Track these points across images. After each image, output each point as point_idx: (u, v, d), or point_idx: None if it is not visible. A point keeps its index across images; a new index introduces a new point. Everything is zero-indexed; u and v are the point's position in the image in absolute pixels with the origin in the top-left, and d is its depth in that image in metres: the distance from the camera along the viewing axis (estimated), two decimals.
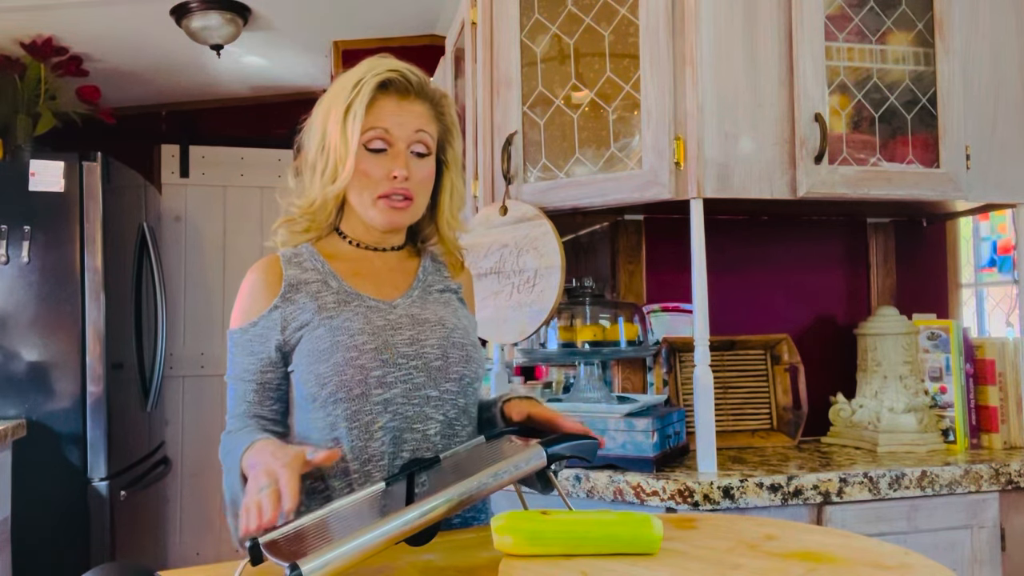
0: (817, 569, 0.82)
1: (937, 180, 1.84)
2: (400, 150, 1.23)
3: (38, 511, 2.83)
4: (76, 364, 2.94)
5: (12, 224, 2.89)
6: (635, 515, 0.92)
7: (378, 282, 1.27)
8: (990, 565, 1.70)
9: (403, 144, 1.23)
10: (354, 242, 1.30)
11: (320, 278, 1.24)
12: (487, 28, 2.01)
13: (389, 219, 1.25)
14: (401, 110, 1.23)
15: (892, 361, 1.95)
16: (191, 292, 4.14)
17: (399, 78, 1.23)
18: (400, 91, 1.24)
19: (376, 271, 1.29)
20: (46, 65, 3.39)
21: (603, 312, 1.88)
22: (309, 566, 0.82)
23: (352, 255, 1.29)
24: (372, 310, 1.22)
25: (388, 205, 1.23)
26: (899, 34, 1.90)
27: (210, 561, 4.00)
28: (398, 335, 1.21)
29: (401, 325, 1.22)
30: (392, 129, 1.22)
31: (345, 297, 1.23)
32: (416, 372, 1.20)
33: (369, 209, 1.24)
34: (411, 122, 1.24)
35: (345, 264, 1.27)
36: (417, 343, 1.21)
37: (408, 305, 1.26)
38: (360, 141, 1.20)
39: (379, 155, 1.22)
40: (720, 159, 1.74)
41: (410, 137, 1.23)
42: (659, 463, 1.69)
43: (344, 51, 3.65)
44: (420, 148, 1.25)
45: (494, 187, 1.97)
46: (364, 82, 1.21)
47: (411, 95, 1.25)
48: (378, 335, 1.19)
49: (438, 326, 1.24)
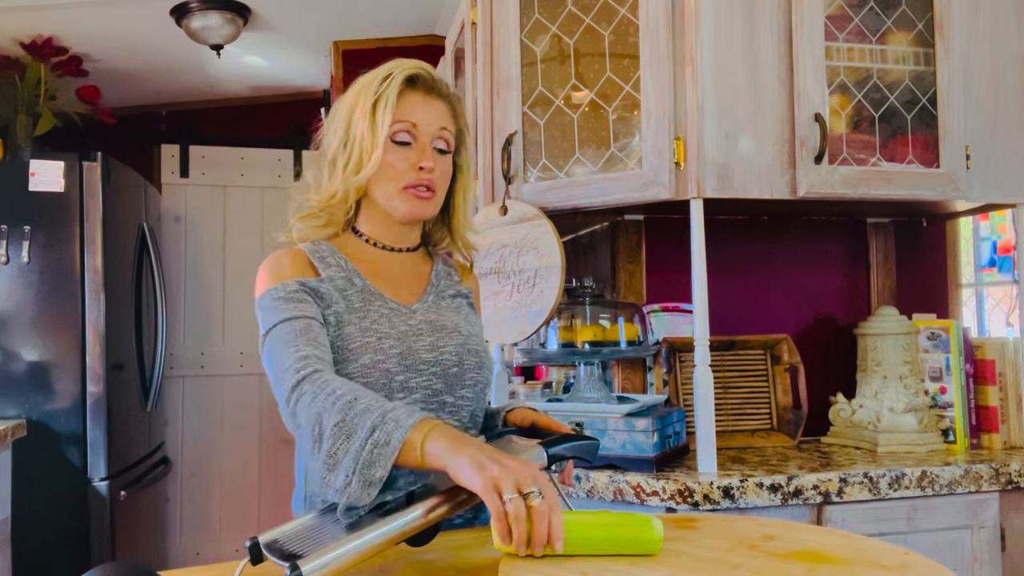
0: (817, 569, 0.82)
1: (937, 180, 1.84)
2: (425, 144, 1.25)
3: (38, 511, 2.83)
4: (76, 364, 2.94)
5: (12, 224, 2.89)
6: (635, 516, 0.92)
7: (395, 284, 1.28)
8: (990, 565, 1.70)
9: (427, 138, 1.25)
10: (371, 240, 1.30)
11: (345, 275, 1.23)
12: (487, 28, 2.01)
13: (412, 209, 1.25)
14: (428, 106, 1.26)
15: (892, 361, 1.95)
16: (191, 292, 4.14)
17: (426, 75, 1.27)
18: (426, 88, 1.27)
19: (393, 273, 1.29)
20: (46, 65, 3.39)
21: (603, 312, 1.88)
22: (309, 566, 0.82)
23: (370, 255, 1.29)
24: (395, 313, 1.23)
25: (414, 195, 1.24)
26: (899, 34, 1.90)
27: (210, 561, 4.00)
28: (420, 341, 1.21)
29: (422, 331, 1.23)
30: (419, 123, 1.25)
31: (369, 296, 1.23)
32: (435, 379, 1.21)
33: (394, 199, 1.25)
34: (436, 119, 1.27)
35: (365, 264, 1.27)
36: (436, 350, 1.22)
37: (426, 311, 1.27)
38: (388, 133, 1.22)
39: (404, 148, 1.24)
40: (720, 159, 1.74)
41: (434, 133, 1.26)
42: (659, 463, 1.69)
43: (344, 51, 3.65)
44: (441, 144, 1.27)
45: (494, 187, 1.97)
46: (394, 76, 1.24)
47: (435, 93, 1.28)
48: (403, 340, 1.20)
49: (455, 333, 1.25)
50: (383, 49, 3.53)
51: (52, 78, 3.44)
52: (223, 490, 4.13)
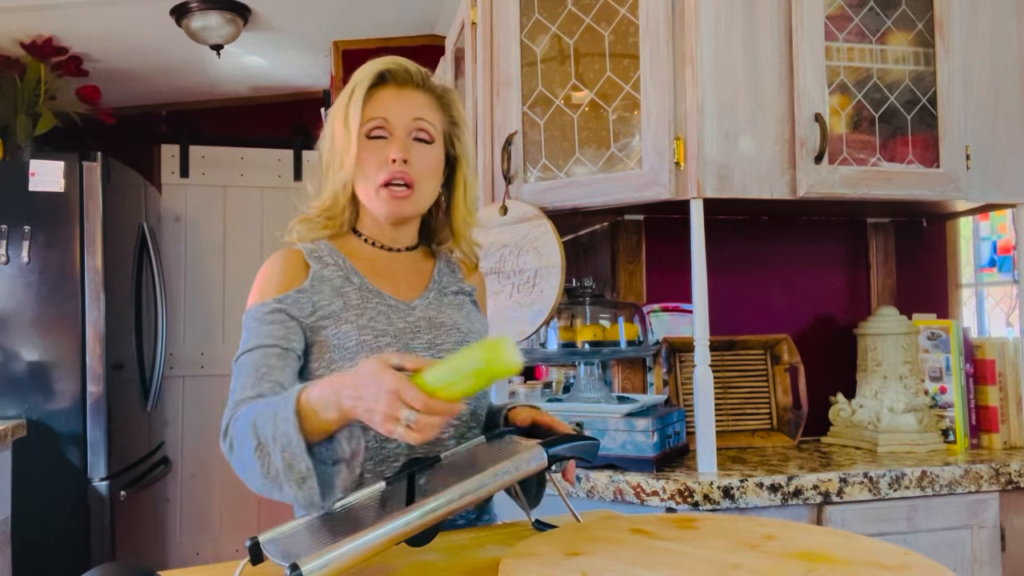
0: (817, 569, 0.82)
1: (937, 180, 1.84)
2: (400, 137, 1.24)
3: (38, 511, 2.83)
4: (76, 364, 2.94)
5: (12, 224, 2.89)
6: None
7: (395, 281, 1.28)
8: (990, 565, 1.70)
9: (402, 131, 1.24)
10: (370, 240, 1.30)
11: (342, 274, 1.24)
12: (487, 28, 2.01)
13: (391, 209, 1.25)
14: (401, 99, 1.25)
15: (892, 361, 1.95)
16: (191, 292, 4.14)
17: (397, 68, 1.26)
18: (399, 81, 1.26)
19: (393, 271, 1.29)
20: (46, 65, 3.39)
21: (603, 312, 1.88)
22: (309, 566, 0.82)
23: (369, 254, 1.29)
24: (392, 309, 1.23)
25: (389, 194, 1.23)
26: (899, 34, 1.90)
27: (210, 561, 4.00)
28: (417, 339, 1.21)
29: (419, 329, 1.23)
30: (390, 117, 1.24)
31: (367, 294, 1.23)
32: None
33: (373, 199, 1.25)
34: (409, 110, 1.25)
35: (364, 262, 1.27)
36: (434, 347, 1.22)
37: (425, 307, 1.26)
38: (361, 131, 1.22)
39: (380, 143, 1.24)
40: (720, 159, 1.74)
41: (409, 125, 1.24)
42: (659, 463, 1.69)
43: (344, 51, 3.64)
44: (421, 135, 1.25)
45: (494, 187, 1.97)
46: (363, 74, 1.24)
47: (410, 85, 1.27)
48: (399, 338, 1.20)
49: (453, 330, 1.25)
50: (383, 49, 3.53)
51: (52, 78, 3.43)
52: (223, 490, 4.12)
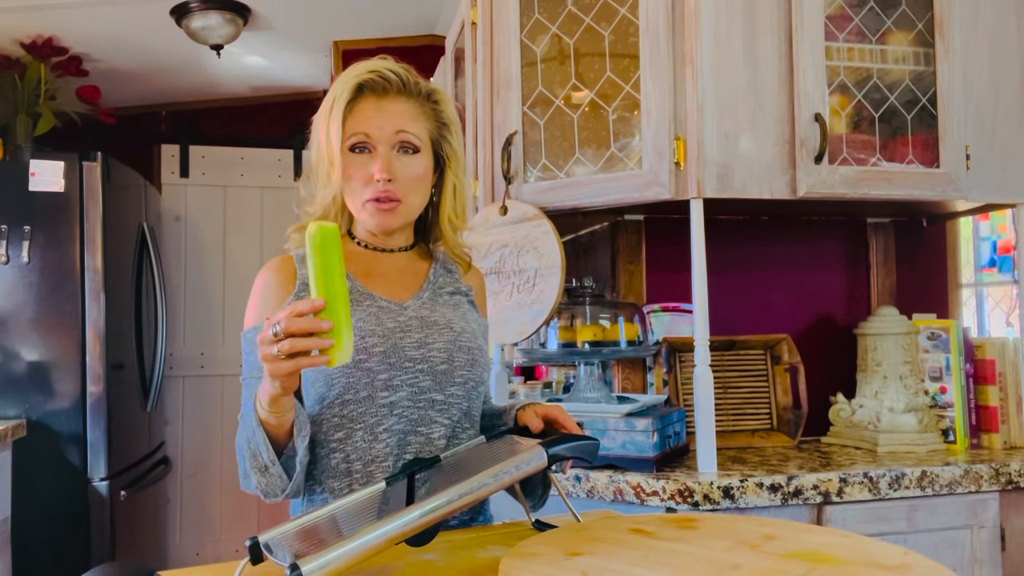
0: (817, 569, 0.82)
1: (937, 180, 1.84)
2: (382, 152, 1.22)
3: (38, 511, 2.83)
4: (76, 364, 2.94)
5: (12, 224, 2.89)
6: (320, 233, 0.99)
7: (389, 282, 1.28)
8: (990, 565, 1.70)
9: (385, 146, 1.22)
10: (363, 243, 1.31)
11: None
12: (487, 28, 2.01)
13: (378, 222, 1.25)
14: (380, 111, 1.23)
15: (892, 361, 1.95)
16: (191, 292, 4.14)
17: (376, 78, 1.23)
18: (378, 92, 1.24)
19: (387, 272, 1.29)
20: (46, 65, 3.39)
21: (603, 312, 1.88)
22: (309, 566, 0.82)
23: (363, 256, 1.29)
24: (383, 311, 1.23)
25: (375, 208, 1.23)
26: (899, 34, 1.91)
27: (210, 561, 4.00)
28: (407, 338, 1.21)
29: (410, 327, 1.22)
30: (371, 132, 1.22)
31: (358, 297, 1.23)
32: (422, 376, 1.20)
33: (360, 212, 1.25)
34: (391, 123, 1.23)
35: (357, 265, 1.27)
36: (424, 346, 1.21)
37: (418, 307, 1.26)
38: (344, 146, 1.22)
39: (363, 157, 1.23)
40: (720, 159, 1.74)
41: (391, 138, 1.22)
42: (659, 463, 1.69)
43: (344, 51, 3.65)
44: (405, 147, 1.24)
45: (494, 187, 1.97)
46: (341, 87, 1.22)
47: (390, 94, 1.24)
48: (388, 338, 1.19)
49: (446, 329, 1.24)
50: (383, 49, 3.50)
51: (52, 78, 3.44)
52: (223, 490, 4.13)
